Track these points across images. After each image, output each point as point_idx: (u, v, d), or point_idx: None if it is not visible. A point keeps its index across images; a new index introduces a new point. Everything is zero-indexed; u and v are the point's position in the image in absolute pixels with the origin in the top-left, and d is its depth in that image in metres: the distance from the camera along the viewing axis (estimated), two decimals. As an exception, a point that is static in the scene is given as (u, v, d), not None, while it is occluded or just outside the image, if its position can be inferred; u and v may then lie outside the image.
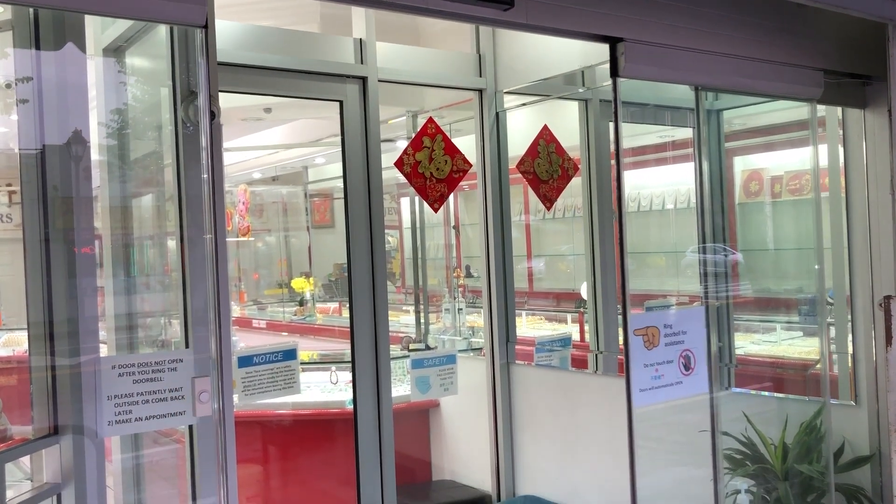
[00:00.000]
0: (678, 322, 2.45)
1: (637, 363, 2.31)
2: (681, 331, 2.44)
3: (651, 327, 2.37)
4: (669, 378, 2.41)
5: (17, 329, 6.14)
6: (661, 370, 2.39)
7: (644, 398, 2.33)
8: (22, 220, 2.33)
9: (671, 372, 2.41)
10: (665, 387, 2.40)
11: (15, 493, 2.29)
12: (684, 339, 2.44)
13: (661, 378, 2.38)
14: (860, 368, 2.94)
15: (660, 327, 2.39)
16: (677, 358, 2.43)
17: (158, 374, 2.41)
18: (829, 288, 3.37)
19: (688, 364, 2.46)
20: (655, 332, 2.37)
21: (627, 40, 2.38)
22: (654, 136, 5.03)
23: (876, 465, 2.82)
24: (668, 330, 2.41)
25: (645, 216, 5.46)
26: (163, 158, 3.33)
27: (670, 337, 2.42)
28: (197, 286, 2.78)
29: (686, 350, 2.45)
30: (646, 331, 2.35)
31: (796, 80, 2.77)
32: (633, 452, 2.26)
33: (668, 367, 2.41)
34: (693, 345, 2.47)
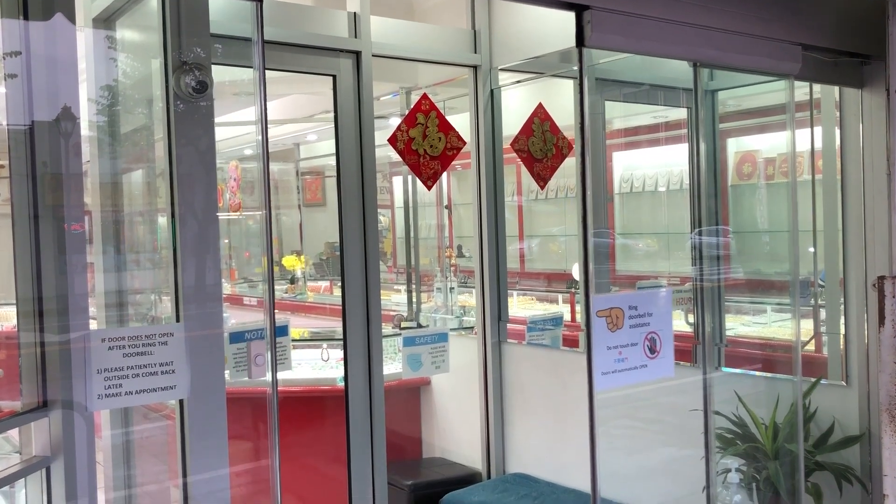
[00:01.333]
0: (644, 304, 2.35)
1: (599, 345, 2.24)
2: (646, 312, 2.34)
3: (615, 308, 2.28)
4: (633, 361, 2.33)
5: (5, 304, 6.10)
6: (625, 353, 2.31)
7: (606, 381, 2.26)
8: (10, 196, 2.30)
9: (635, 355, 2.34)
10: (629, 370, 2.32)
11: (4, 465, 2.27)
12: (650, 321, 2.35)
13: (624, 361, 2.31)
14: (851, 349, 2.95)
15: (624, 309, 2.30)
16: (642, 340, 2.35)
17: (149, 347, 2.39)
18: (822, 270, 3.38)
19: (653, 347, 2.37)
20: (619, 313, 2.28)
21: (594, 7, 2.28)
22: (647, 116, 5.03)
23: (865, 444, 2.84)
24: (633, 312, 2.32)
25: (637, 197, 5.46)
26: (153, 133, 3.30)
27: (635, 319, 2.33)
28: (188, 263, 2.76)
29: (652, 332, 2.36)
30: (609, 312, 2.26)
31: (772, 55, 2.67)
32: (594, 437, 2.21)
33: (633, 350, 2.33)
34: (659, 327, 2.37)
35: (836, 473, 2.79)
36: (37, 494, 2.34)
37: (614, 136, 5.11)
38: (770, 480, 2.76)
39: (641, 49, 2.56)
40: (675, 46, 2.49)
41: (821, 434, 2.93)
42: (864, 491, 2.83)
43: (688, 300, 4.01)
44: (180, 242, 2.74)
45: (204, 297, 2.79)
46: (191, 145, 2.76)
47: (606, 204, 4.75)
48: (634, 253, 5.41)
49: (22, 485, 2.62)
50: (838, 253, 3.12)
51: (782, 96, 4.24)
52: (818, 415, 2.97)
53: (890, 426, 2.31)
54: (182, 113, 2.73)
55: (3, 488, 2.84)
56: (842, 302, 3.06)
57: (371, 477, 3.81)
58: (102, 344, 2.32)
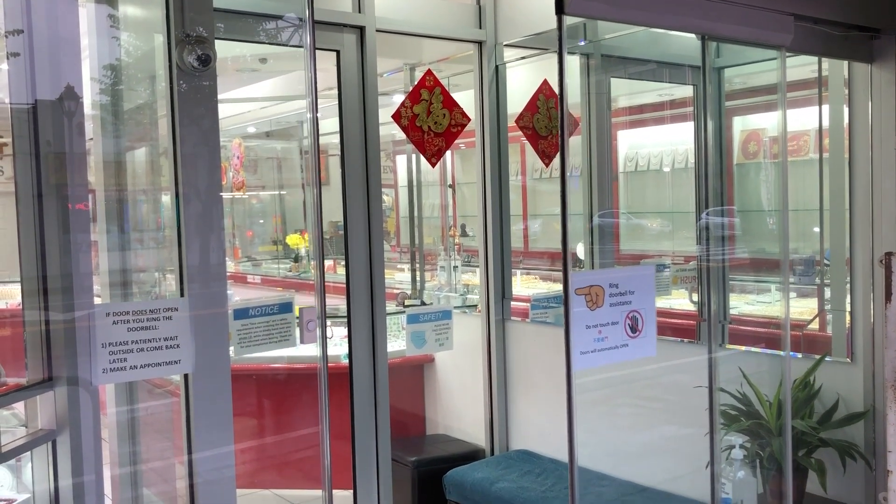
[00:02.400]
0: (625, 282, 2.28)
1: (578, 324, 2.17)
2: (628, 291, 2.27)
3: (595, 286, 2.21)
4: (614, 340, 2.26)
5: (10, 282, 6.11)
6: (605, 332, 2.24)
7: (585, 361, 2.20)
8: (14, 175, 2.30)
9: (616, 334, 2.27)
10: (609, 349, 2.25)
11: (10, 439, 2.28)
12: (632, 299, 2.28)
13: (604, 340, 2.24)
14: (857, 326, 2.94)
15: (604, 286, 2.22)
16: (623, 319, 2.27)
17: (153, 322, 2.40)
18: (827, 249, 3.37)
19: (635, 326, 2.30)
20: (600, 291, 2.21)
21: (574, -28, 2.21)
22: (653, 94, 4.99)
23: (870, 421, 2.84)
24: (614, 290, 2.24)
25: (642, 176, 5.44)
26: (156, 111, 3.29)
27: (616, 297, 2.25)
28: (192, 241, 2.76)
29: (633, 311, 2.29)
30: (589, 290, 2.19)
31: (762, 25, 2.60)
32: (571, 416, 2.17)
33: (613, 329, 2.26)
34: (641, 306, 2.31)
35: (839, 450, 2.79)
36: (43, 468, 2.35)
37: (619, 115, 5.08)
38: (774, 457, 2.77)
39: (624, 17, 2.47)
40: (659, 15, 2.40)
41: (825, 411, 2.93)
42: (868, 467, 2.84)
43: (692, 279, 4.00)
44: (184, 221, 2.73)
45: (208, 275, 2.78)
46: (194, 124, 2.75)
47: (611, 183, 4.73)
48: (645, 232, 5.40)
49: (28, 458, 2.63)
50: (844, 231, 3.10)
51: (791, 74, 4.21)
52: (823, 392, 2.96)
53: (895, 402, 2.30)
54: (185, 89, 2.72)
55: (10, 462, 2.86)
56: (847, 280, 3.05)
57: (375, 453, 3.83)
58: (107, 318, 2.32)
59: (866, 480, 2.87)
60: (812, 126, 4.06)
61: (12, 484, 2.87)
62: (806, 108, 4.24)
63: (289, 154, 7.39)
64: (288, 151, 7.37)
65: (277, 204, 7.68)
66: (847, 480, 2.89)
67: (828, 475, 2.79)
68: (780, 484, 2.86)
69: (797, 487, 2.88)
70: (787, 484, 2.69)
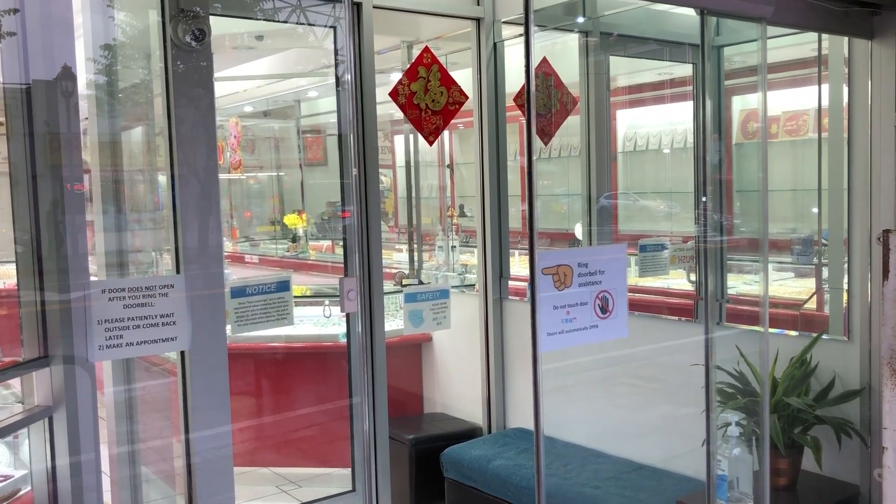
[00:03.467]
0: (595, 261, 2.21)
1: (545, 304, 2.09)
2: (598, 270, 2.20)
3: (563, 266, 2.13)
4: (583, 321, 2.19)
5: (7, 262, 6.11)
6: (574, 312, 2.16)
7: (552, 342, 2.14)
8: (8, 155, 2.28)
9: (585, 315, 2.19)
10: (577, 331, 2.18)
11: (6, 415, 2.28)
12: (602, 279, 2.21)
13: (573, 321, 2.16)
14: (854, 304, 2.94)
15: (573, 266, 2.15)
16: (593, 300, 2.20)
17: (149, 299, 2.39)
18: (825, 228, 3.36)
19: (605, 307, 2.23)
20: (568, 270, 2.14)
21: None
22: (652, 73, 4.96)
23: (865, 398, 2.85)
24: (583, 269, 2.17)
25: (641, 156, 5.42)
26: (152, 90, 3.27)
27: (585, 277, 2.18)
28: (189, 221, 2.75)
29: (603, 291, 2.22)
30: (556, 269, 2.11)
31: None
32: (538, 400, 2.14)
33: (582, 310, 2.18)
34: (612, 286, 2.23)
35: (835, 427, 2.80)
36: (40, 445, 2.35)
37: (619, 94, 5.05)
38: (768, 434, 2.78)
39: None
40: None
41: (821, 388, 2.94)
42: (863, 444, 2.85)
43: (690, 258, 4.00)
44: (181, 200, 2.72)
45: (204, 254, 2.78)
46: (190, 104, 2.73)
47: (610, 163, 4.71)
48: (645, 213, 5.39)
49: (25, 435, 2.64)
50: (843, 211, 3.10)
51: (790, 52, 4.19)
52: (819, 370, 2.97)
53: (891, 380, 2.31)
54: (182, 70, 2.70)
55: (8, 439, 2.87)
56: (845, 260, 3.05)
57: (373, 432, 3.84)
58: (103, 295, 2.31)
59: (861, 457, 2.88)
60: (812, 105, 4.04)
61: (10, 460, 2.88)
62: (805, 87, 4.22)
63: (286, 134, 7.36)
64: (285, 131, 7.34)
65: (275, 184, 7.67)
66: (842, 457, 2.90)
67: (823, 452, 2.80)
68: (775, 460, 2.87)
69: (793, 464, 2.89)
70: (764, 459, 2.69)
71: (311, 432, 4.57)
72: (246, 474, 4.54)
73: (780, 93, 4.66)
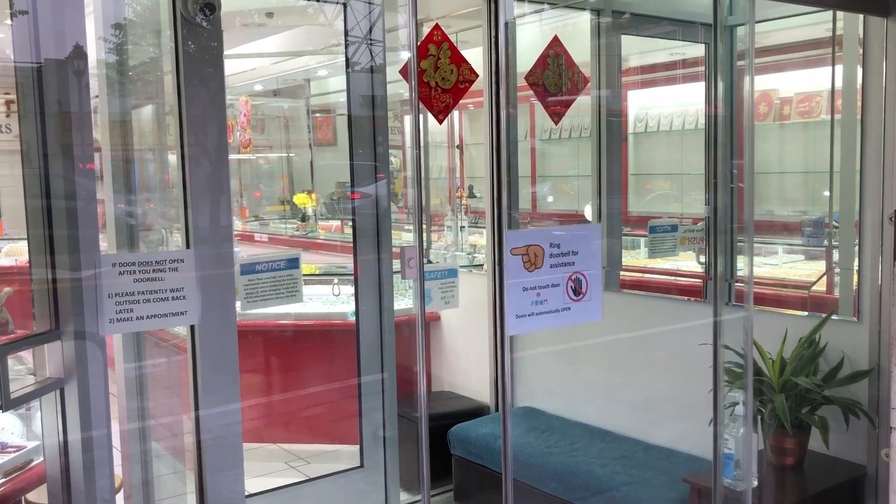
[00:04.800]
0: (567, 241, 2.12)
1: (514, 286, 2.02)
2: (570, 251, 2.12)
3: (533, 246, 2.06)
4: (554, 303, 2.10)
5: (19, 239, 6.15)
6: (545, 294, 2.08)
7: (522, 325, 2.06)
8: (20, 133, 2.29)
9: (556, 297, 2.10)
10: (548, 313, 2.09)
11: (18, 386, 2.30)
12: (575, 260, 2.13)
13: (543, 304, 2.08)
14: (864, 284, 2.93)
15: (544, 247, 2.07)
16: (565, 281, 2.12)
17: (159, 273, 2.41)
18: (836, 211, 3.34)
19: (578, 289, 2.14)
20: (539, 251, 2.06)
21: None
22: (664, 53, 4.93)
23: (874, 379, 2.84)
24: (555, 250, 2.10)
25: (652, 137, 5.40)
26: (162, 67, 3.27)
27: (557, 258, 2.10)
28: (198, 200, 2.75)
29: (576, 273, 2.13)
30: (526, 250, 2.04)
31: None
32: (504, 379, 2.09)
33: (553, 292, 2.10)
34: (585, 267, 2.15)
35: (843, 407, 2.80)
36: (52, 417, 2.37)
37: (630, 74, 5.02)
38: (775, 413, 2.78)
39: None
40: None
41: (830, 369, 2.93)
42: (871, 425, 2.84)
43: (700, 240, 3.99)
44: (190, 178, 2.73)
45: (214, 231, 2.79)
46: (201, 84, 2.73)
47: (620, 143, 4.69)
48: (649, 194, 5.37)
49: (37, 408, 2.67)
50: (854, 193, 3.08)
51: (804, 33, 4.15)
52: (828, 350, 2.96)
53: (900, 360, 2.30)
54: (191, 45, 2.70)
55: (21, 410, 2.90)
56: (856, 242, 3.03)
57: (382, 409, 3.87)
58: (113, 269, 2.33)
59: (869, 438, 2.88)
60: (825, 87, 4.00)
61: (22, 432, 2.92)
62: (819, 68, 4.18)
63: (296, 113, 7.35)
64: (295, 110, 7.33)
65: (285, 164, 7.67)
66: (849, 438, 2.91)
67: (830, 432, 2.80)
68: (781, 440, 2.88)
69: (800, 444, 2.89)
70: (749, 437, 2.68)
71: (319, 409, 4.60)
72: (255, 450, 4.58)
73: (793, 74, 4.62)
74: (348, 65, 3.72)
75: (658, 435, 3.58)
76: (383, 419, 3.87)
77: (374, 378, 3.87)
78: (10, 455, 2.75)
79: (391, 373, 3.88)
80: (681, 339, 3.52)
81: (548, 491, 3.38)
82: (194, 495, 2.88)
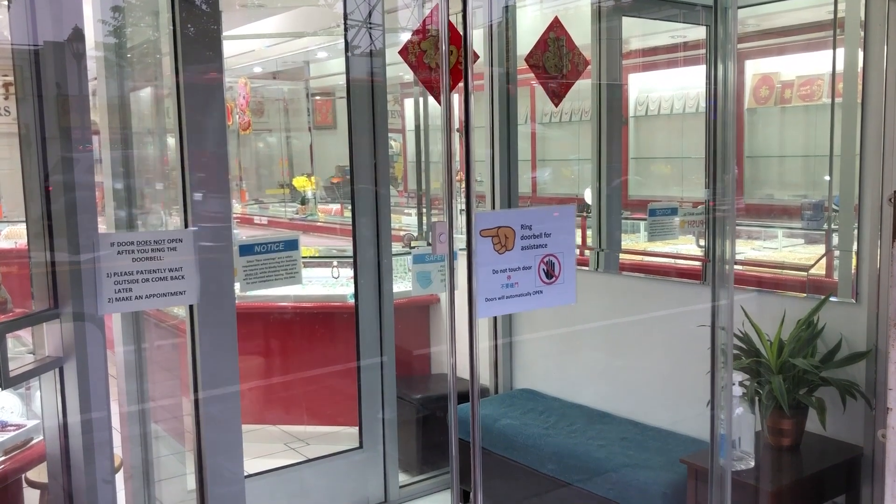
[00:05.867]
0: (540, 222, 2.06)
1: (484, 269, 1.96)
2: (543, 233, 2.07)
3: (504, 228, 2.00)
4: (526, 286, 2.05)
5: (18, 222, 6.15)
6: (516, 277, 2.03)
7: (491, 308, 2.02)
8: (17, 117, 2.29)
9: (528, 280, 2.05)
10: (520, 296, 2.05)
11: (17, 364, 2.31)
12: (547, 242, 2.08)
13: (514, 286, 2.03)
14: (863, 266, 2.93)
15: (515, 228, 2.01)
16: (537, 264, 2.07)
17: (158, 253, 2.41)
18: (836, 195, 3.34)
19: (550, 271, 2.09)
20: (509, 233, 2.00)
21: None
22: (665, 36, 4.90)
23: (871, 360, 2.85)
24: (527, 231, 2.04)
25: (652, 121, 5.38)
26: (160, 49, 3.25)
27: (529, 240, 2.05)
28: (198, 185, 2.75)
29: (549, 255, 2.08)
30: (496, 231, 1.98)
31: None
32: (474, 364, 2.05)
33: (525, 275, 2.05)
34: (558, 249, 2.09)
35: (840, 389, 2.80)
36: (51, 396, 2.39)
37: (631, 57, 5.00)
38: (772, 394, 2.78)
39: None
40: None
41: (827, 350, 2.94)
42: (868, 406, 2.85)
43: (700, 223, 3.99)
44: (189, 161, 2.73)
45: (212, 213, 2.79)
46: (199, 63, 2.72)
47: (621, 127, 4.68)
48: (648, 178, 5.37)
49: (37, 387, 2.68)
50: (854, 176, 3.07)
51: (805, 15, 4.13)
52: (826, 332, 2.97)
53: (897, 341, 2.30)
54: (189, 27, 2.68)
55: (20, 389, 2.91)
56: (855, 226, 3.03)
57: (380, 391, 3.88)
58: (112, 248, 2.33)
59: (865, 419, 2.89)
60: (826, 70, 3.98)
61: (22, 411, 2.93)
62: (820, 51, 4.16)
63: (296, 96, 7.33)
64: (295, 93, 7.31)
65: (284, 147, 7.65)
66: (846, 418, 2.92)
67: (827, 413, 2.81)
68: (779, 421, 2.89)
69: (797, 425, 2.90)
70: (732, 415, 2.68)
71: (319, 391, 4.62)
72: (255, 432, 4.60)
73: (795, 57, 4.60)
74: (348, 48, 3.70)
75: (656, 417, 3.60)
76: (382, 401, 3.88)
77: (373, 360, 3.88)
78: (10, 433, 2.77)
79: (390, 355, 3.89)
80: (680, 321, 3.52)
81: (546, 472, 3.40)
82: (194, 476, 2.90)
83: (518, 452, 3.53)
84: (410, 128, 6.10)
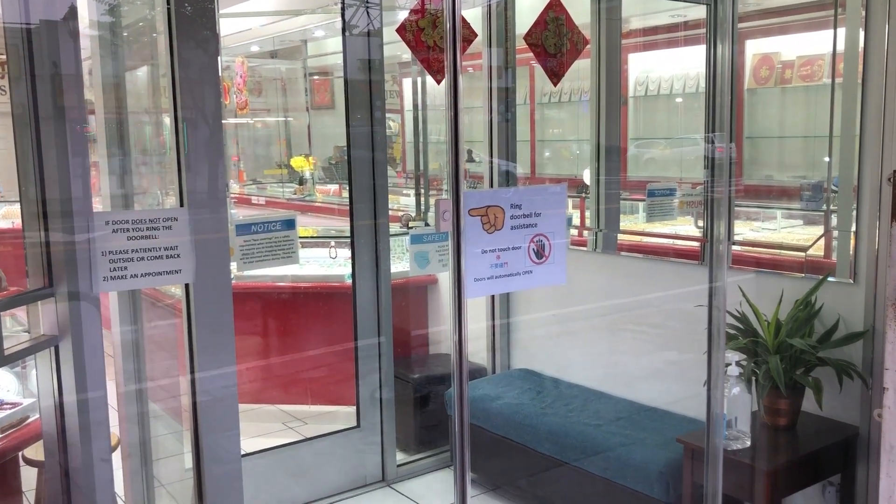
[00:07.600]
0: (530, 202, 2.04)
1: (472, 249, 1.94)
2: (533, 212, 2.04)
3: (493, 207, 1.97)
4: (515, 266, 2.03)
5: (15, 202, 6.13)
6: (505, 257, 2.01)
7: (480, 289, 1.99)
8: (10, 96, 2.27)
9: (518, 260, 2.04)
10: (509, 276, 2.03)
11: (13, 342, 2.30)
12: (537, 221, 2.06)
13: (503, 266, 2.01)
14: (861, 246, 2.92)
15: (505, 207, 1.99)
16: (527, 244, 2.05)
17: (153, 231, 2.39)
18: (835, 176, 3.33)
19: (540, 251, 2.07)
20: (499, 212, 1.98)
21: None
22: (665, 15, 4.87)
23: (868, 341, 2.84)
24: (517, 211, 2.01)
25: (652, 101, 5.35)
26: (155, 27, 3.22)
27: (519, 220, 2.02)
28: (193, 164, 2.73)
29: (539, 235, 2.06)
30: (485, 211, 1.95)
31: None
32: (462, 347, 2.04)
33: (514, 255, 2.03)
34: (549, 229, 2.07)
35: (837, 368, 2.80)
36: (47, 374, 2.39)
37: (631, 37, 4.97)
38: (769, 374, 2.79)
39: None
40: None
41: (825, 331, 2.94)
42: (865, 386, 2.86)
43: (698, 203, 3.98)
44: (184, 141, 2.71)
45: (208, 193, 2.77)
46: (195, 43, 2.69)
47: (620, 107, 4.66)
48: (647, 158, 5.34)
49: (33, 366, 2.68)
50: (854, 157, 3.06)
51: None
52: (824, 312, 2.97)
53: (895, 320, 2.30)
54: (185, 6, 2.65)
55: (16, 368, 2.91)
56: (854, 207, 3.02)
57: (378, 371, 3.89)
58: (106, 227, 2.32)
59: (862, 399, 2.89)
60: (827, 50, 3.95)
61: (18, 389, 2.93)
62: (821, 31, 4.13)
63: (293, 75, 7.28)
64: (293, 72, 7.26)
65: (282, 128, 7.62)
66: (843, 398, 2.92)
67: (824, 393, 2.81)
68: (775, 401, 2.89)
69: (793, 405, 2.90)
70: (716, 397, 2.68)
71: (317, 371, 4.62)
72: (253, 411, 4.61)
73: (795, 37, 4.57)
74: (345, 28, 3.67)
75: (653, 396, 3.60)
76: (380, 380, 3.89)
77: (370, 340, 3.88)
78: (6, 412, 2.77)
79: (388, 335, 3.89)
80: (678, 301, 3.52)
81: (542, 451, 3.41)
82: (191, 455, 2.91)
83: (515, 432, 3.54)
84: (408, 108, 6.07)
